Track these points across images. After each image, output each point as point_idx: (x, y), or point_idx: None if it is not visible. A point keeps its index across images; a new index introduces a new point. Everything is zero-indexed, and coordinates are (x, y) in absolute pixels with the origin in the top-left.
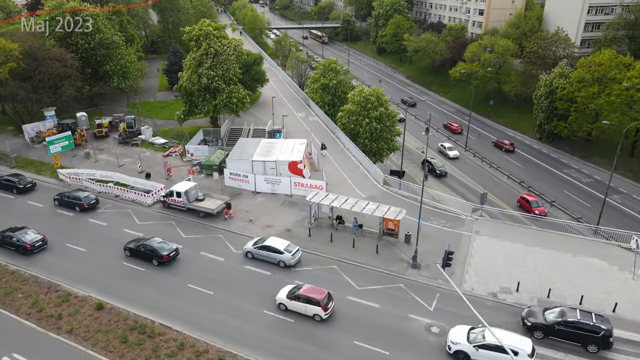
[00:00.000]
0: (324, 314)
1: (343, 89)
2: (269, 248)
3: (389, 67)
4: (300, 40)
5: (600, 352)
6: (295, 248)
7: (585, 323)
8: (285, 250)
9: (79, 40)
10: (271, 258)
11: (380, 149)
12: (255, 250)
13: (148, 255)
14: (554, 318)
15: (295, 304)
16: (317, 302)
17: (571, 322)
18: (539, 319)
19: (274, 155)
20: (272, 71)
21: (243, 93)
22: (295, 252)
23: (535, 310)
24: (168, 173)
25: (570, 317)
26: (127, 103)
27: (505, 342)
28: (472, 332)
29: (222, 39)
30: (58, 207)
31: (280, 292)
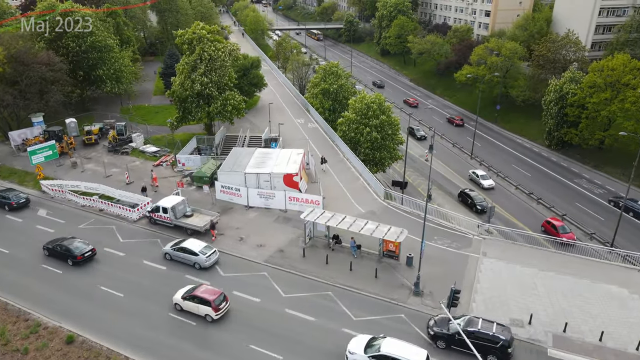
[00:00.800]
0: (215, 315)
1: (344, 93)
2: (185, 249)
3: (393, 70)
4: (303, 41)
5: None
6: (212, 250)
7: (484, 333)
8: (201, 252)
9: (69, 43)
10: (187, 260)
11: (382, 158)
12: (172, 252)
13: (63, 255)
14: (455, 327)
15: (189, 304)
16: (209, 302)
17: (471, 331)
18: (443, 328)
19: (268, 167)
20: (272, 74)
21: (238, 99)
22: (210, 254)
23: (442, 318)
24: (154, 184)
25: (470, 326)
26: (121, 108)
27: (399, 353)
28: (371, 343)
29: (217, 43)
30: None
31: (178, 292)
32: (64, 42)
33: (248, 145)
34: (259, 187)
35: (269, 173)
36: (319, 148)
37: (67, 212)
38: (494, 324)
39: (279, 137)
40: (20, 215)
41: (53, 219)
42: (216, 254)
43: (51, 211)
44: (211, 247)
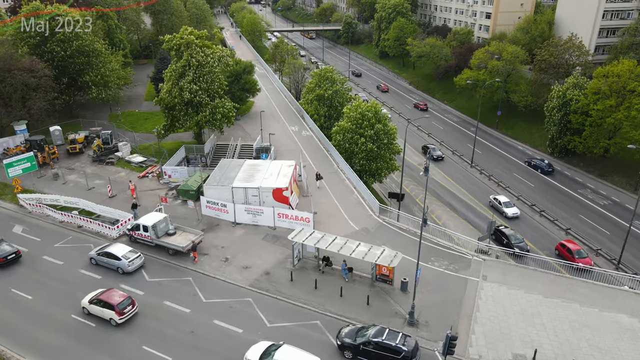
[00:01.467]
0: (118, 319)
1: (339, 99)
2: (109, 254)
3: (392, 72)
4: (302, 43)
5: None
6: (136, 255)
7: (387, 343)
8: (124, 257)
9: (55, 47)
10: (110, 264)
11: (378, 169)
12: (97, 257)
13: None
14: (362, 338)
15: (95, 307)
16: (112, 306)
17: (375, 342)
18: (351, 338)
19: (257, 180)
20: (267, 78)
21: (229, 107)
22: (134, 259)
23: (351, 330)
24: (132, 195)
25: (375, 336)
26: (110, 114)
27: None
28: (268, 350)
29: (206, 49)
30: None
31: (87, 296)
32: (49, 46)
33: (239, 154)
34: (247, 202)
35: (258, 187)
36: (312, 158)
37: (44, 229)
38: (399, 334)
39: (270, 147)
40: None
41: (28, 236)
42: (141, 258)
43: (27, 227)
44: (136, 252)
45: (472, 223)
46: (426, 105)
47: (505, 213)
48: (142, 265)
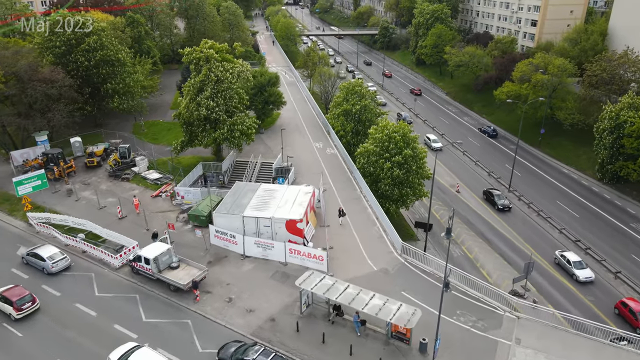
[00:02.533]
0: (16, 314)
1: (368, 115)
2: (36, 255)
3: (428, 81)
4: (337, 47)
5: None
6: (61, 257)
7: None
8: (48, 258)
9: (79, 57)
10: (37, 264)
11: (404, 195)
12: (26, 257)
13: None
14: (232, 354)
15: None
16: (11, 302)
17: (240, 359)
18: (226, 354)
19: (270, 209)
20: (296, 87)
21: (248, 123)
22: (58, 260)
23: (227, 346)
24: (136, 210)
25: (247, 355)
26: (134, 123)
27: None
28: (127, 352)
29: (226, 63)
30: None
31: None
32: (74, 56)
33: (259, 173)
34: (259, 233)
35: (270, 218)
36: (335, 180)
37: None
38: (273, 353)
39: (290, 167)
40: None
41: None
42: (66, 260)
43: None
44: (63, 254)
45: (508, 258)
46: (420, 91)
47: (577, 276)
48: (68, 266)
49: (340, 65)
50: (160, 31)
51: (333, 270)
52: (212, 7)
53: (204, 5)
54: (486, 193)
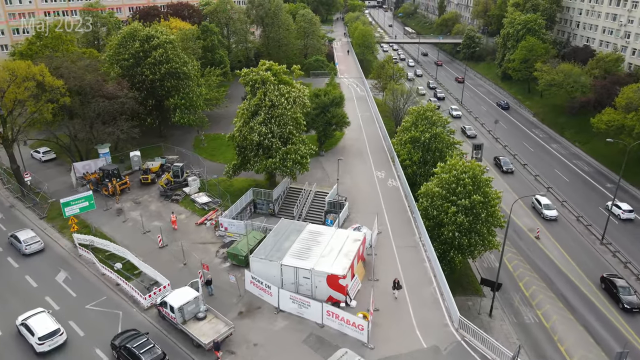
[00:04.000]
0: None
1: (438, 145)
2: (15, 237)
3: (514, 99)
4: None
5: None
6: (35, 241)
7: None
8: (24, 241)
9: (145, 70)
10: (16, 246)
11: (471, 244)
12: (9, 238)
13: None
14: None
15: None
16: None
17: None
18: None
19: (312, 257)
20: (365, 103)
21: (303, 152)
22: (32, 244)
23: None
24: (173, 226)
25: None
26: (196, 137)
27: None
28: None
29: (283, 87)
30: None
31: None
32: (140, 69)
33: (312, 202)
34: (298, 284)
35: (310, 269)
36: (392, 221)
37: (85, 280)
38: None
39: (345, 202)
40: (36, 273)
41: (66, 287)
42: (40, 244)
43: (71, 276)
44: (37, 238)
45: (594, 334)
46: (463, 79)
47: None
48: (41, 249)
49: (421, 79)
50: (235, 37)
51: (374, 341)
52: (288, 14)
53: (280, 13)
54: (605, 281)
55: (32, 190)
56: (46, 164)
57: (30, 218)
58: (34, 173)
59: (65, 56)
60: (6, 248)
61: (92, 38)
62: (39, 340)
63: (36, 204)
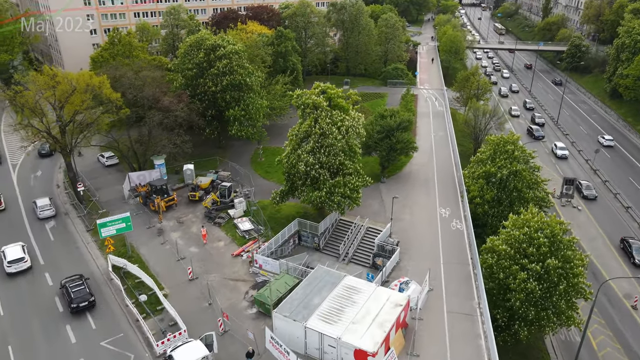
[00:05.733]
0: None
1: (518, 184)
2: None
3: (623, 122)
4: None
5: None
6: (49, 208)
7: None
8: (40, 207)
9: (207, 81)
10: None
11: (542, 318)
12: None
13: None
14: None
15: None
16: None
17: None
18: None
19: (342, 322)
20: (442, 120)
21: (354, 185)
22: (45, 210)
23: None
24: (203, 241)
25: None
26: (256, 149)
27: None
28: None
29: (336, 113)
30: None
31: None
32: (203, 80)
33: (362, 239)
34: (323, 351)
35: (336, 339)
36: (448, 278)
37: (109, 311)
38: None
39: (396, 247)
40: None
41: (90, 319)
42: (52, 211)
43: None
44: (51, 206)
45: None
46: (531, 65)
47: None
48: (53, 215)
49: (517, 95)
50: (313, 41)
51: None
52: (369, 19)
53: (361, 17)
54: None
55: (85, 200)
56: (108, 169)
57: (79, 229)
58: (96, 178)
59: (132, 64)
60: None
61: (172, 40)
62: (8, 263)
63: (87, 215)
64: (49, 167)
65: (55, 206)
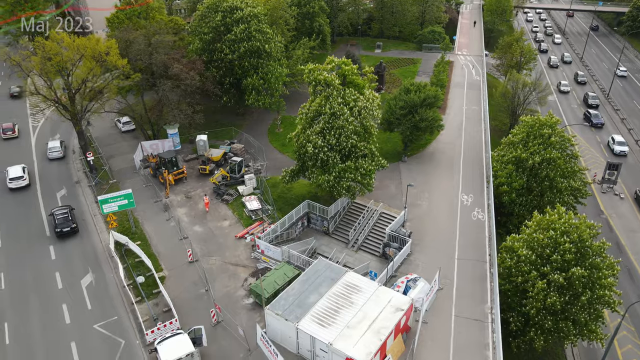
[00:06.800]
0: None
1: (551, 172)
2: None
3: None
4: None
5: None
6: (58, 149)
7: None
8: (50, 147)
9: (224, 47)
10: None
11: (560, 329)
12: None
13: None
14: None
15: None
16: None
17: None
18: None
19: (337, 325)
20: (477, 92)
21: (367, 168)
22: (55, 151)
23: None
24: (206, 209)
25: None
26: (274, 119)
27: None
28: None
29: (349, 92)
30: None
31: None
32: (220, 45)
33: (374, 225)
34: (314, 354)
35: (328, 344)
36: (461, 277)
37: (106, 291)
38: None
39: (408, 238)
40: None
41: (85, 297)
42: (60, 153)
43: (95, 281)
44: (59, 147)
45: None
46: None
47: None
48: (61, 157)
49: (569, 67)
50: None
51: None
52: None
53: None
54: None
55: (97, 168)
56: (124, 136)
57: (88, 199)
58: (110, 144)
59: (148, 26)
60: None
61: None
62: (9, 180)
63: (97, 184)
64: (67, 131)
65: (64, 149)
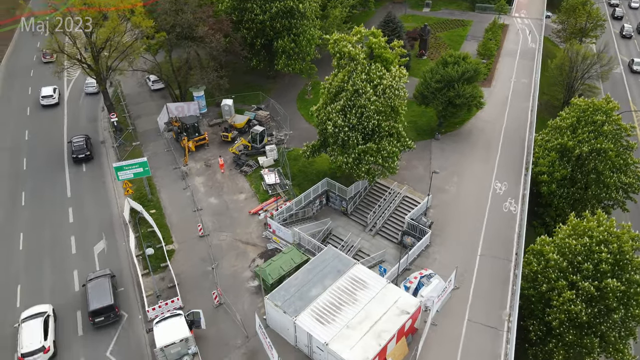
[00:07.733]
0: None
1: (599, 165)
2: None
3: None
4: None
5: None
6: (53, 96)
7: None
8: (43, 95)
9: (255, 8)
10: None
11: (584, 345)
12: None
13: None
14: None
15: None
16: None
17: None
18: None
19: (336, 323)
20: (530, 63)
21: (389, 152)
22: (49, 97)
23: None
24: (220, 170)
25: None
26: (305, 85)
27: None
28: None
29: (375, 67)
30: None
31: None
32: (251, 5)
33: (395, 208)
34: (311, 351)
35: (324, 343)
36: (482, 272)
37: (116, 261)
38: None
39: (428, 229)
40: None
41: (96, 264)
42: (54, 99)
43: (107, 249)
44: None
45: None
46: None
47: None
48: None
49: (593, 39)
50: None
51: None
52: None
53: None
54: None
55: (122, 129)
56: (153, 95)
57: (110, 161)
58: (139, 103)
59: None
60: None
61: None
62: (41, 97)
63: (121, 145)
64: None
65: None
